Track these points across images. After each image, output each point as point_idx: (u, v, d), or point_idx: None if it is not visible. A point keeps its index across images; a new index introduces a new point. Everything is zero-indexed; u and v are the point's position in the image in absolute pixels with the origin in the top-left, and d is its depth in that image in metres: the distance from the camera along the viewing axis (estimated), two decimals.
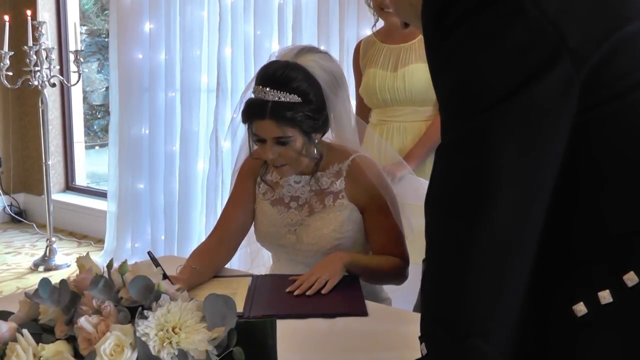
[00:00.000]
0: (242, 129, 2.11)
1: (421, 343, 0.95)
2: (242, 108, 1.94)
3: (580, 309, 0.91)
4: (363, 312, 1.71)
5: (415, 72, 2.68)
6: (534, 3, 0.88)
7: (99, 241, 5.10)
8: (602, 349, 0.92)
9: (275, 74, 1.89)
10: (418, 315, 0.97)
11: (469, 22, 0.90)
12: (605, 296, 0.91)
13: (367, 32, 3.14)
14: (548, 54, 0.87)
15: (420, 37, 2.60)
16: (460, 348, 0.90)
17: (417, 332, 0.97)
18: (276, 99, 1.86)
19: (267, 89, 1.87)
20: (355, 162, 2.03)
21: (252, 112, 1.90)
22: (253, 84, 1.94)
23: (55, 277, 1.25)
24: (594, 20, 0.92)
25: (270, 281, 1.94)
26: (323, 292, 1.80)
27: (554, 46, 0.87)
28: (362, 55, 2.87)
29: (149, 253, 1.76)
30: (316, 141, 1.97)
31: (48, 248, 4.70)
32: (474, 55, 0.90)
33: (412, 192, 2.23)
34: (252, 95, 1.92)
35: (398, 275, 2.02)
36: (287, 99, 1.87)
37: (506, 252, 0.89)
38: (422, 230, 0.97)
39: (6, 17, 4.53)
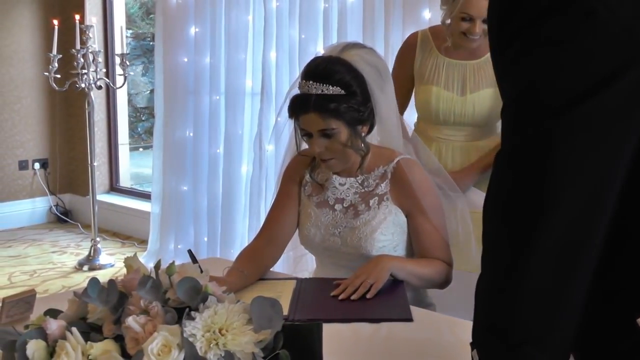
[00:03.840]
0: (286, 133, 2.11)
1: (473, 350, 0.93)
2: (288, 104, 1.96)
3: None
4: (408, 318, 1.68)
5: (486, 98, 2.52)
6: (606, 8, 0.85)
7: (143, 242, 5.16)
8: None
9: (318, 68, 1.92)
10: (463, 322, 0.95)
11: (536, 27, 0.88)
12: None
13: None
14: (621, 60, 0.85)
15: (487, 57, 2.45)
16: (514, 356, 0.88)
17: (464, 339, 0.96)
18: (319, 91, 1.88)
19: (311, 82, 1.89)
20: (400, 164, 2.01)
21: (297, 106, 1.93)
22: (298, 80, 1.96)
23: (99, 277, 1.26)
24: None
25: (314, 284, 1.93)
26: (368, 296, 1.79)
27: (628, 52, 0.85)
28: (417, 53, 2.63)
29: (189, 251, 1.77)
30: (363, 134, 1.97)
31: (92, 248, 4.77)
32: (541, 60, 0.87)
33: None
34: (298, 91, 1.94)
35: (442, 279, 1.99)
36: (330, 91, 1.88)
37: (565, 260, 0.87)
38: (469, 236, 0.95)
39: (55, 22, 4.61)
